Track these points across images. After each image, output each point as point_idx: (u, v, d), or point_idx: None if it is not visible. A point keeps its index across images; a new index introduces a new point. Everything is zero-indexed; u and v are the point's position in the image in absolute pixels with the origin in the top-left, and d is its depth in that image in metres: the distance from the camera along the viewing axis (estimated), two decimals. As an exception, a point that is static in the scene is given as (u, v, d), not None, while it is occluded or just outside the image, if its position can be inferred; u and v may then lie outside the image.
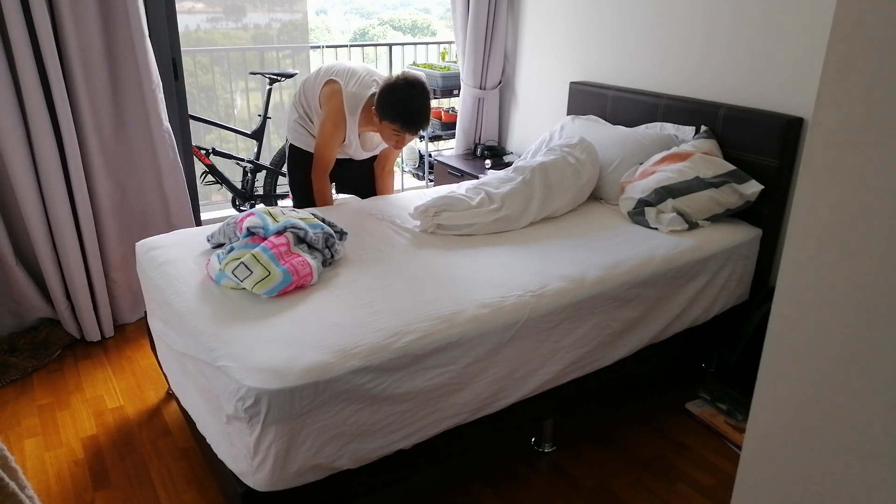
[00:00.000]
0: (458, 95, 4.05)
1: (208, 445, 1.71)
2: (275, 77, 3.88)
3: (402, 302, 1.79)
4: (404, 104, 2.37)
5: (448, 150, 4.54)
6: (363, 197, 2.83)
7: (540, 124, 3.76)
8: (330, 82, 2.53)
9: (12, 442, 2.21)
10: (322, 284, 1.90)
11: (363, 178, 2.94)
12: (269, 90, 3.87)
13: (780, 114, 2.44)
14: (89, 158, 2.65)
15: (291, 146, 2.76)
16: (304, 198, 2.77)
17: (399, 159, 4.70)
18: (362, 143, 2.69)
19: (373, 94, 2.49)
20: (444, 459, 1.85)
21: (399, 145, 2.55)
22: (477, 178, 3.01)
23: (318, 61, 4.97)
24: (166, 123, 2.78)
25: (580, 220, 2.50)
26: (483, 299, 1.82)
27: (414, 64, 4.45)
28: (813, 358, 0.91)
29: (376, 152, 2.87)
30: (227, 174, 3.79)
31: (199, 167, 3.54)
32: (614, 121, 3.05)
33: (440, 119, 4.34)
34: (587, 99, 3.22)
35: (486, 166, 3.73)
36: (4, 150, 2.47)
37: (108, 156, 2.73)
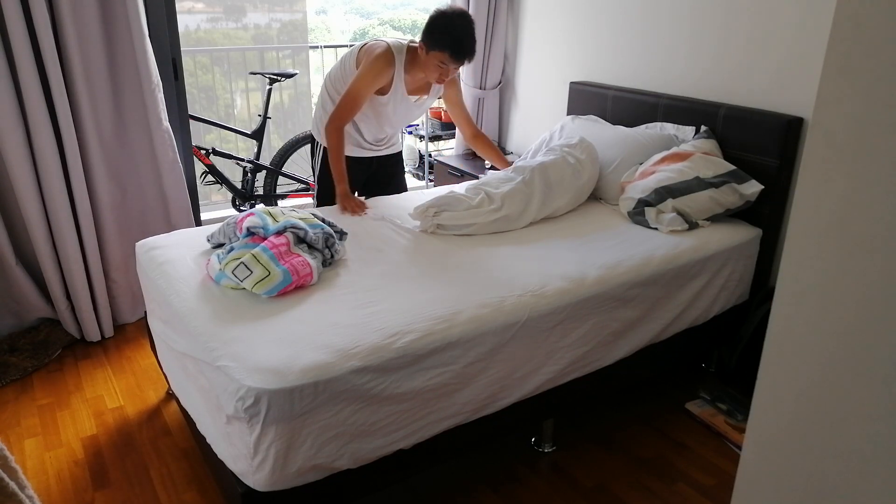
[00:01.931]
0: (458, 95, 4.04)
1: (208, 445, 1.71)
2: (275, 77, 3.88)
3: (402, 302, 1.79)
4: (455, 33, 2.36)
5: (448, 150, 4.54)
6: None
7: (540, 124, 3.76)
8: (365, 45, 2.57)
9: (12, 442, 2.21)
10: (322, 284, 1.90)
11: (388, 177, 2.93)
12: (269, 90, 3.87)
13: (780, 114, 2.44)
14: (89, 158, 2.65)
15: (325, 148, 2.72)
16: (328, 199, 2.73)
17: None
18: (402, 110, 2.67)
19: (411, 41, 2.54)
20: (444, 459, 1.85)
21: (442, 79, 2.50)
22: (477, 178, 3.01)
23: (318, 61, 4.97)
24: (166, 123, 2.78)
25: (580, 220, 2.50)
26: (483, 299, 1.82)
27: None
28: (813, 358, 0.91)
29: (407, 124, 2.87)
30: (227, 174, 3.79)
31: (199, 167, 3.54)
32: (614, 121, 3.05)
33: (440, 119, 4.34)
34: (587, 99, 3.22)
35: (486, 166, 3.73)
36: (4, 150, 2.47)
37: (108, 156, 2.73)
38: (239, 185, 3.85)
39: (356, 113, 2.56)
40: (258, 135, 3.85)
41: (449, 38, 2.37)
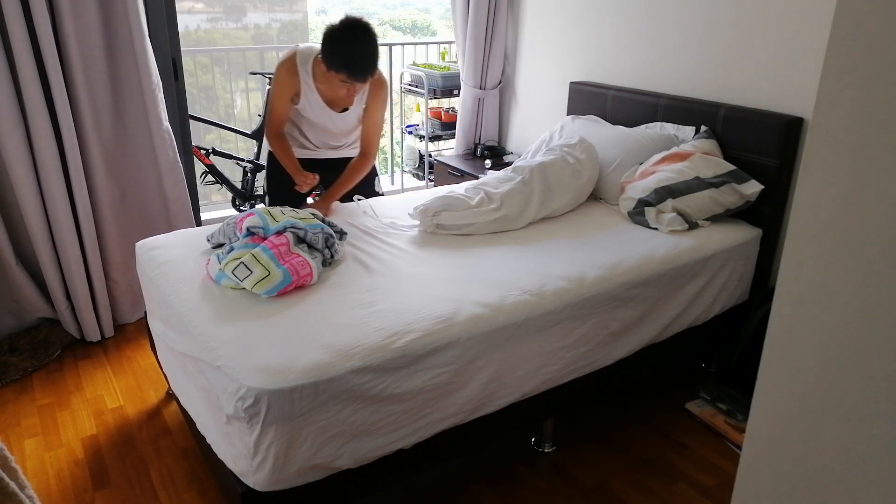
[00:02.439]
0: (458, 95, 4.04)
1: (208, 445, 1.71)
2: (275, 77, 3.87)
3: (402, 302, 1.79)
4: (346, 52, 2.19)
5: (448, 150, 4.54)
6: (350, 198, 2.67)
7: (540, 124, 3.76)
8: None
9: (12, 442, 2.21)
10: (322, 284, 1.90)
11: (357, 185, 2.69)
12: (269, 90, 3.87)
13: (780, 114, 2.44)
14: (89, 158, 2.65)
15: (270, 153, 2.66)
16: (276, 199, 2.67)
17: (399, 159, 4.71)
18: (328, 121, 2.52)
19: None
20: (443, 459, 1.85)
21: (351, 94, 2.36)
22: (477, 178, 3.01)
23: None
24: (166, 123, 2.78)
25: (580, 220, 2.50)
26: (483, 299, 1.82)
27: (414, 64, 4.45)
28: (812, 358, 0.91)
29: (350, 133, 2.65)
30: (227, 174, 3.79)
31: (199, 167, 3.54)
32: (614, 121, 3.05)
33: (440, 119, 4.34)
34: (587, 99, 3.22)
35: (486, 166, 3.73)
36: (4, 150, 2.47)
37: (108, 156, 2.73)
38: (239, 185, 3.85)
39: (281, 122, 2.49)
40: (258, 135, 3.85)
41: (342, 58, 2.20)
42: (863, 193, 0.81)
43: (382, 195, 2.83)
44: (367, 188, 2.78)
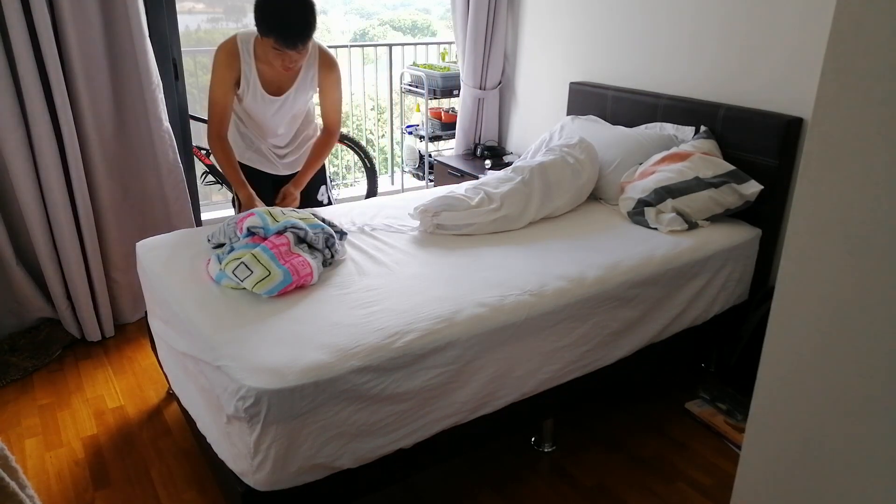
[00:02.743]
0: (458, 96, 4.05)
1: (208, 445, 1.71)
2: (275, 77, 3.87)
3: (402, 302, 1.79)
4: (277, 14, 2.06)
5: (448, 151, 4.54)
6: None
7: (540, 124, 3.76)
8: None
9: (13, 442, 2.21)
10: (322, 284, 1.90)
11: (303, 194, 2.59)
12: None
13: (780, 114, 2.44)
14: (89, 158, 2.66)
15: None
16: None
17: (399, 160, 4.71)
18: (265, 107, 2.40)
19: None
20: (444, 459, 1.85)
21: (287, 66, 2.20)
22: (477, 178, 3.01)
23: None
24: (166, 123, 2.78)
25: (580, 220, 2.50)
26: (482, 299, 1.82)
27: (414, 64, 4.45)
28: (811, 357, 0.91)
29: (287, 120, 2.53)
30: (227, 174, 3.78)
31: (200, 167, 3.54)
32: (614, 121, 3.05)
33: (440, 119, 4.34)
34: (587, 99, 3.22)
35: (486, 166, 3.74)
36: (4, 150, 2.48)
37: (108, 156, 2.73)
38: (239, 185, 3.84)
39: (223, 117, 2.34)
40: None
41: (272, 21, 2.07)
42: (862, 193, 0.81)
43: (325, 205, 2.72)
44: (309, 198, 2.67)
